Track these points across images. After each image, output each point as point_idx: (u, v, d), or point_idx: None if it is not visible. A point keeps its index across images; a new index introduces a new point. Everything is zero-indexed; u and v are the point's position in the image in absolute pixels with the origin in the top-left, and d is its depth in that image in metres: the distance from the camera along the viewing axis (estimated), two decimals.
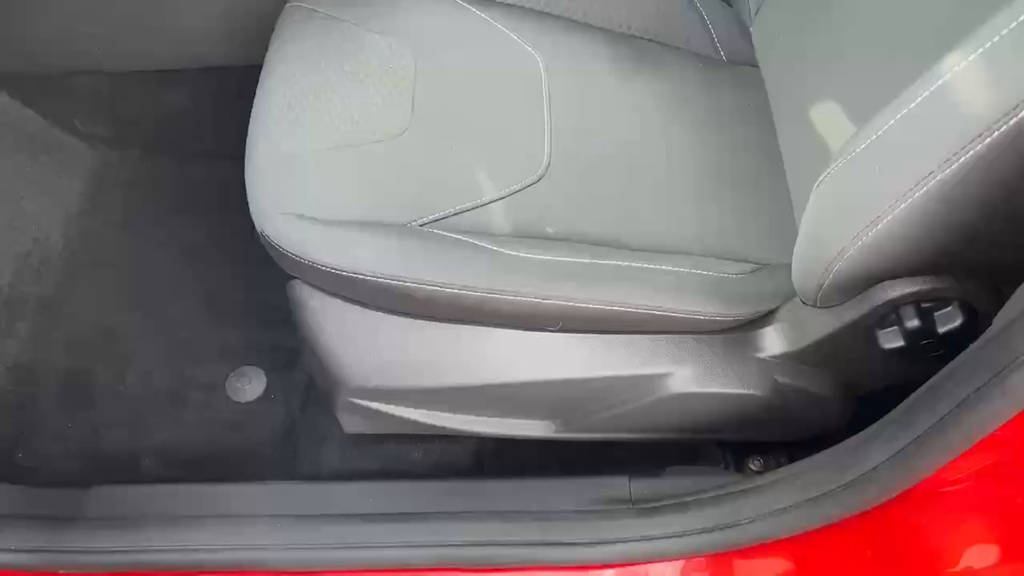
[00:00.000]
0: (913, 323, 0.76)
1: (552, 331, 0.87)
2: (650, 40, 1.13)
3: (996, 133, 0.57)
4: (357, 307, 0.89)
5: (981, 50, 0.57)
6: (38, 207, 1.34)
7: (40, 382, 1.22)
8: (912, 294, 0.75)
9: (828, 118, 0.88)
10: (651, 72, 1.08)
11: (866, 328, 0.80)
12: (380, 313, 0.89)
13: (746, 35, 1.09)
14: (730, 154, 1.03)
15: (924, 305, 0.76)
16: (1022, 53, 0.55)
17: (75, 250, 1.33)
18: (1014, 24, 0.56)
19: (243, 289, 1.30)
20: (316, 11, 1.03)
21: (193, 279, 1.32)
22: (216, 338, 1.27)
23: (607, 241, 0.92)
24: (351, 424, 0.99)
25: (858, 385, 0.92)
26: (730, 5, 1.13)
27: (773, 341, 0.87)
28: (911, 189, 0.62)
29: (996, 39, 0.57)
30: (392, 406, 0.94)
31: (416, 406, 0.94)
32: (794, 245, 0.78)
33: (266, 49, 1.03)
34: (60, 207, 1.36)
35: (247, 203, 0.91)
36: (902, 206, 0.63)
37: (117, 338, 1.26)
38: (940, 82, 0.60)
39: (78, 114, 1.38)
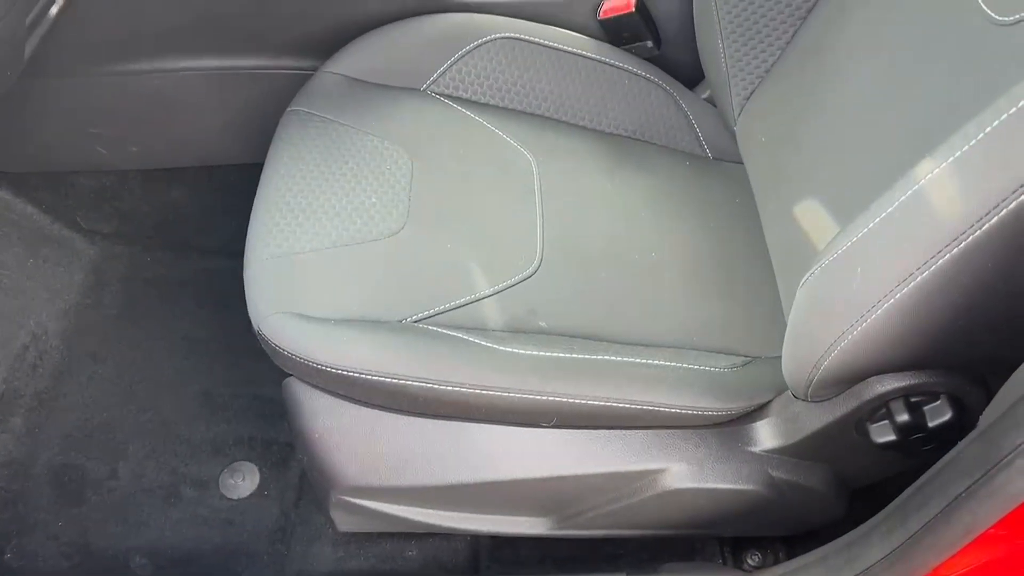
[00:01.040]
0: (903, 417, 0.77)
1: (546, 427, 0.88)
2: (638, 139, 1.17)
3: (970, 238, 0.59)
4: (352, 404, 0.89)
5: (952, 158, 0.60)
6: (37, 301, 1.35)
7: (32, 478, 1.21)
8: (901, 388, 0.76)
9: (811, 215, 0.90)
10: (639, 169, 1.12)
11: (858, 422, 0.80)
12: (375, 410, 0.89)
13: (731, 134, 1.13)
14: (719, 248, 1.05)
15: (913, 399, 0.77)
16: (991, 162, 0.58)
17: (72, 344, 1.34)
18: (981, 135, 0.58)
19: (239, 384, 1.31)
20: (315, 115, 1.07)
21: (189, 374, 1.32)
22: (211, 433, 1.26)
23: (600, 335, 0.93)
24: (345, 522, 0.98)
25: (853, 478, 0.92)
26: (714, 106, 1.17)
27: (766, 435, 0.88)
28: (892, 290, 0.64)
29: (966, 148, 0.59)
30: (386, 504, 0.94)
31: (410, 504, 0.94)
32: (783, 338, 0.80)
33: (266, 148, 1.06)
34: (59, 301, 1.37)
35: (243, 298, 0.93)
36: (885, 306, 0.65)
37: (111, 433, 1.26)
38: (915, 187, 0.62)
39: (80, 211, 1.41)
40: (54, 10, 0.89)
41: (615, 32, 1.18)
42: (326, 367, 0.84)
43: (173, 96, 1.23)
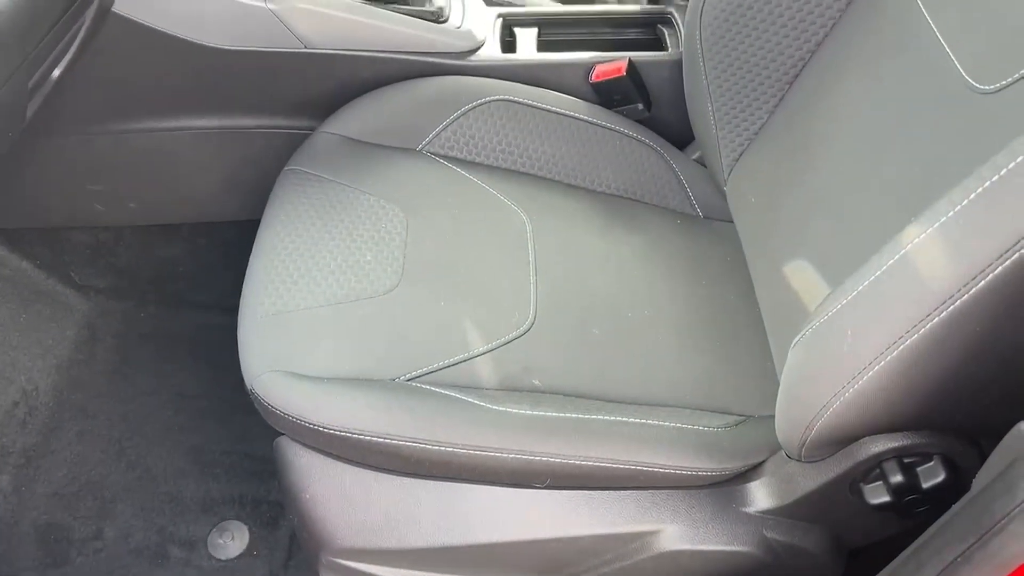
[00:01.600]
0: (897, 478, 0.76)
1: (539, 488, 0.87)
2: (630, 198, 1.18)
3: (958, 302, 0.60)
4: (344, 465, 0.89)
5: (937, 224, 0.61)
6: (29, 357, 1.35)
7: (17, 537, 1.20)
8: (894, 449, 0.76)
9: (802, 276, 0.91)
10: (631, 228, 1.13)
11: (852, 482, 0.80)
12: (367, 471, 0.88)
13: (721, 193, 1.15)
14: (711, 306, 1.06)
15: (907, 460, 0.77)
16: (975, 228, 0.59)
17: (63, 400, 1.33)
18: (966, 201, 0.60)
19: (230, 441, 1.30)
20: (312, 174, 1.08)
21: (180, 430, 1.31)
22: (200, 491, 1.25)
23: (593, 394, 0.93)
24: None
25: (849, 540, 0.91)
26: (704, 166, 1.19)
27: (761, 496, 0.87)
28: (883, 353, 0.64)
29: (951, 214, 0.61)
30: (378, 566, 0.92)
31: (402, 566, 0.92)
32: (777, 396, 0.80)
33: (263, 205, 1.07)
34: (51, 357, 1.37)
35: (237, 354, 0.93)
36: (875, 368, 0.65)
37: (99, 491, 1.24)
38: (902, 252, 0.63)
39: (75, 266, 1.41)
40: (57, 72, 0.90)
41: (607, 95, 1.20)
42: (318, 427, 0.84)
43: (171, 154, 1.24)
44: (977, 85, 0.74)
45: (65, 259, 1.41)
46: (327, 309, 0.94)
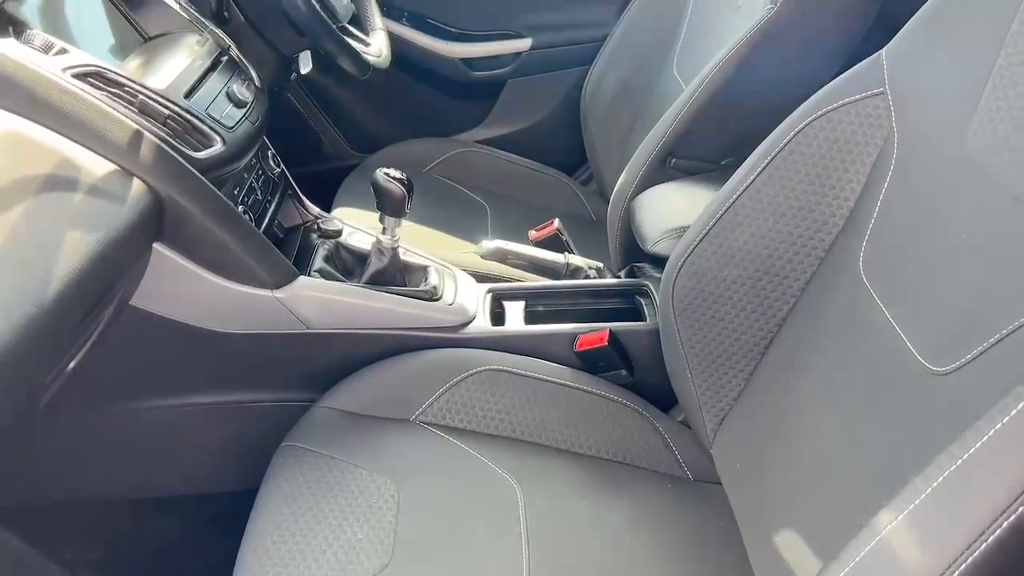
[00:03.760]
0: None
1: None
2: (619, 462, 1.21)
3: None
4: None
5: (906, 511, 0.64)
6: None
7: None
8: None
9: (792, 546, 0.92)
10: (621, 492, 1.14)
11: None
12: None
13: (709, 454, 1.17)
14: (707, 575, 1.05)
15: None
16: (942, 517, 0.61)
17: None
18: (929, 490, 0.62)
19: None
20: (309, 450, 1.11)
21: None
22: None
23: None
24: None
25: None
26: (689, 427, 1.23)
27: None
28: None
29: (917, 502, 0.63)
30: None
31: None
32: None
33: (259, 475, 1.09)
34: None
35: None
36: None
37: None
38: (878, 538, 0.65)
39: (65, 542, 1.40)
40: (71, 366, 0.96)
41: (591, 362, 1.27)
42: None
43: (171, 429, 1.27)
44: (932, 368, 0.79)
45: (56, 533, 1.40)
46: None
